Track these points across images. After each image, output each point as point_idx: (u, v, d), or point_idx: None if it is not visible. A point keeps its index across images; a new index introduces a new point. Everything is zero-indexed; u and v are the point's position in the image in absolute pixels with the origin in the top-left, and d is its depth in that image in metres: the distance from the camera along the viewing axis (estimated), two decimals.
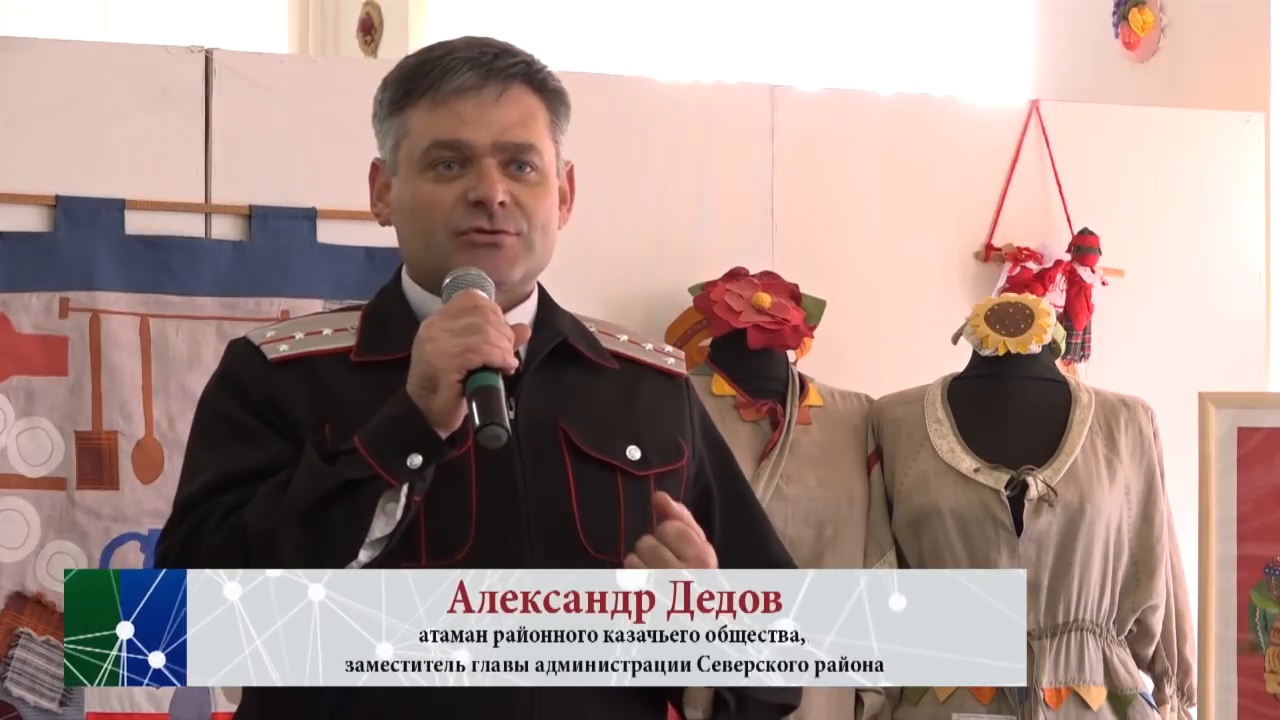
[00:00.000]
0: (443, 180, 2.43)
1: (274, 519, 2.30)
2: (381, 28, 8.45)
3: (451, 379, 2.29)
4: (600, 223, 4.16)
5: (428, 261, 2.46)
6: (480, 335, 2.30)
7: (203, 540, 2.34)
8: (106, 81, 3.99)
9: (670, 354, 2.61)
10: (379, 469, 2.29)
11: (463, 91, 2.43)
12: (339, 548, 2.30)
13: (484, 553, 2.36)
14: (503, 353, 2.31)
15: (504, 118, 2.44)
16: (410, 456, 2.30)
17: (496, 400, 2.28)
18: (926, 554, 4.05)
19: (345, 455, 2.31)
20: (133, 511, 3.93)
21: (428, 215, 2.44)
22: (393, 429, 2.31)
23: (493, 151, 2.43)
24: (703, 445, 2.59)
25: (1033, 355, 4.11)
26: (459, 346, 2.30)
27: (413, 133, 2.45)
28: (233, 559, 2.30)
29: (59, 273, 3.93)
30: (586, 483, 2.44)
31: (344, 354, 2.46)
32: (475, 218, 2.42)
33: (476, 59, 2.44)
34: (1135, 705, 4.02)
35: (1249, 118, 4.78)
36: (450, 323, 2.32)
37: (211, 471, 2.39)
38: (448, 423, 2.31)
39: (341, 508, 2.30)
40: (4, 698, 3.86)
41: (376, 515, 2.31)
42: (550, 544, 2.40)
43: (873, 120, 4.56)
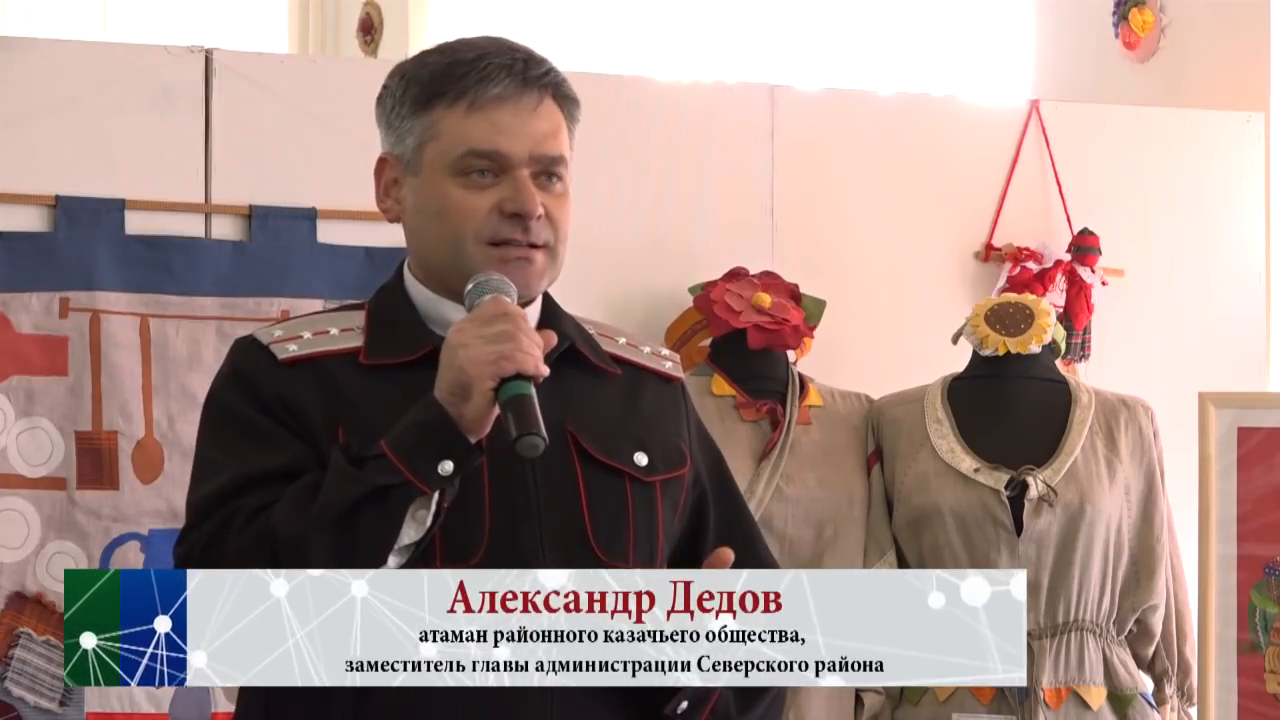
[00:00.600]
0: (476, 188, 2.42)
1: (305, 524, 2.28)
2: (381, 28, 8.45)
3: (485, 386, 2.28)
4: (600, 223, 4.16)
5: (451, 268, 2.43)
6: (514, 343, 2.29)
7: (227, 543, 2.32)
8: (106, 81, 3.99)
9: (668, 357, 2.61)
10: (410, 475, 2.28)
11: (501, 100, 2.41)
12: (369, 554, 2.29)
13: (497, 557, 2.35)
14: (535, 360, 2.30)
15: (538, 129, 2.43)
16: (442, 463, 2.29)
17: (532, 409, 2.27)
18: (926, 554, 4.05)
19: (374, 460, 2.29)
20: (133, 511, 3.93)
21: (458, 222, 2.42)
22: (423, 435, 2.30)
23: (529, 163, 2.42)
24: (698, 449, 2.60)
25: (1033, 355, 4.11)
26: (493, 354, 2.29)
27: (443, 135, 2.43)
28: (260, 562, 2.27)
29: (59, 273, 3.93)
30: (597, 488, 2.44)
31: (353, 355, 2.45)
32: (510, 229, 2.41)
33: (511, 66, 2.43)
34: (1135, 705, 4.02)
35: (1249, 118, 4.78)
36: (482, 329, 2.31)
37: (228, 474, 2.37)
38: (478, 429, 2.30)
39: (372, 514, 2.28)
40: (4, 698, 3.86)
41: (406, 522, 2.30)
42: (563, 549, 2.39)
43: (873, 120, 4.56)
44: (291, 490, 2.32)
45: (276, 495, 2.32)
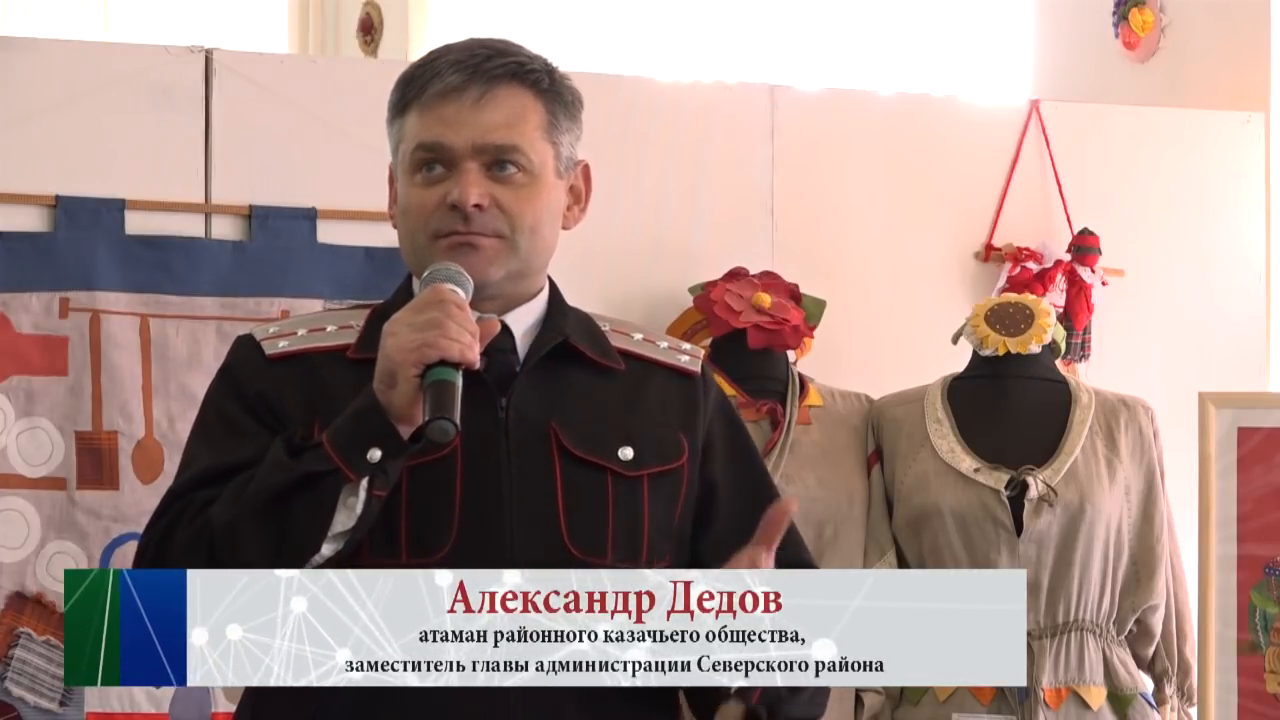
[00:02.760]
0: (428, 183, 2.45)
1: (235, 512, 2.32)
2: (381, 28, 8.45)
3: (409, 373, 2.30)
4: (600, 223, 4.12)
5: (414, 263, 2.48)
6: (439, 330, 2.31)
7: (175, 532, 2.36)
8: (106, 81, 3.99)
9: (686, 352, 2.60)
10: (339, 462, 2.30)
11: (445, 94, 2.44)
12: (300, 541, 2.31)
13: (464, 552, 2.36)
14: (461, 347, 2.31)
15: (486, 119, 2.44)
16: (370, 450, 2.31)
17: (450, 395, 2.28)
18: (926, 554, 4.05)
19: (312, 450, 2.33)
20: (133, 511, 3.93)
21: (413, 218, 2.45)
22: (355, 423, 2.32)
23: (473, 154, 2.43)
24: (719, 442, 2.57)
25: (1033, 355, 4.11)
26: (417, 341, 2.31)
27: (406, 136, 2.47)
28: (200, 552, 2.32)
29: (59, 273, 3.94)
30: (574, 484, 2.44)
31: (342, 351, 2.47)
32: (453, 221, 2.43)
33: (463, 61, 2.45)
34: (1135, 705, 4.02)
35: (1249, 118, 4.78)
36: (413, 317, 2.33)
37: (198, 466, 2.41)
38: (408, 417, 2.32)
39: (302, 501, 2.31)
40: (4, 698, 3.86)
41: (339, 509, 2.32)
42: (533, 545, 2.39)
43: (873, 120, 4.56)
44: (233, 482, 2.35)
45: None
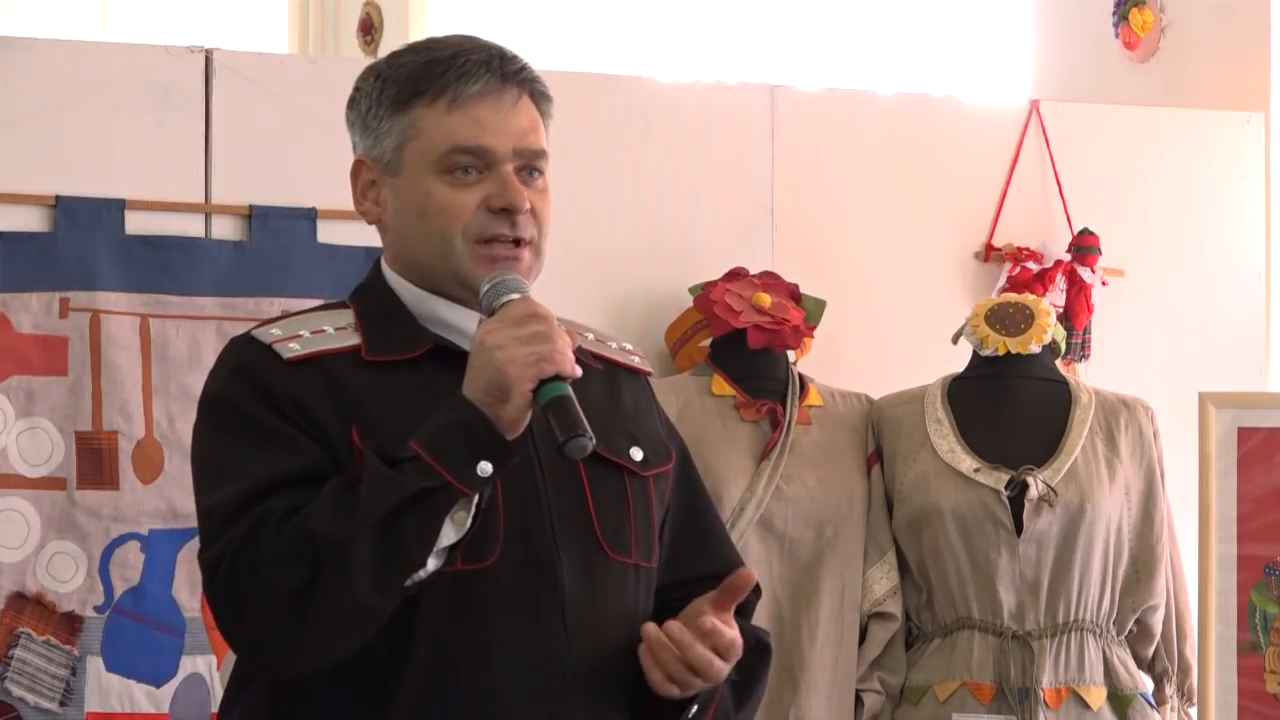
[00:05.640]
0: (461, 185, 2.41)
1: (348, 527, 2.26)
2: (381, 28, 8.45)
3: (525, 388, 2.28)
4: (600, 223, 4.16)
5: (439, 265, 2.43)
6: (550, 344, 2.29)
7: (263, 546, 2.29)
8: (106, 81, 3.99)
9: (634, 352, 2.62)
10: (450, 478, 2.27)
11: (482, 96, 2.41)
12: (410, 556, 2.28)
13: (514, 557, 2.36)
14: (570, 361, 2.31)
15: (520, 124, 2.43)
16: (480, 464, 2.27)
17: (574, 409, 2.28)
18: (926, 554, 4.05)
19: (409, 463, 2.28)
20: (133, 511, 3.93)
21: (446, 220, 2.41)
22: (460, 437, 2.28)
23: (513, 158, 2.42)
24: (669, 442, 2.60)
25: (1033, 355, 4.11)
26: (532, 355, 2.28)
27: (425, 134, 2.42)
28: (301, 564, 2.26)
29: (59, 273, 3.93)
30: (599, 483, 2.44)
31: (353, 353, 2.43)
32: (498, 225, 2.41)
33: (488, 63, 2.43)
34: (1135, 705, 4.02)
35: (1249, 118, 4.78)
36: (517, 330, 2.30)
37: (249, 478, 2.34)
38: (515, 430, 2.30)
39: (413, 516, 2.27)
40: (4, 698, 3.86)
41: (445, 524, 2.29)
42: (574, 546, 2.40)
43: (873, 120, 4.56)
44: (327, 492, 2.30)
45: (302, 497, 2.30)
